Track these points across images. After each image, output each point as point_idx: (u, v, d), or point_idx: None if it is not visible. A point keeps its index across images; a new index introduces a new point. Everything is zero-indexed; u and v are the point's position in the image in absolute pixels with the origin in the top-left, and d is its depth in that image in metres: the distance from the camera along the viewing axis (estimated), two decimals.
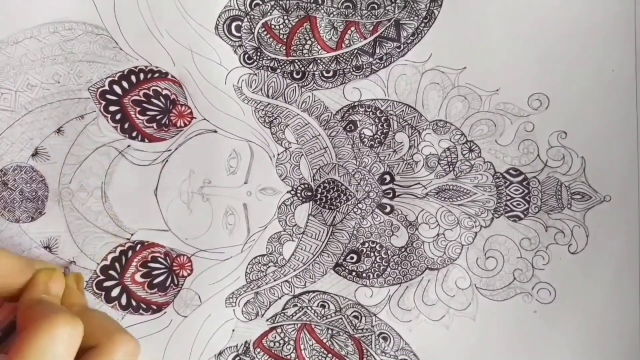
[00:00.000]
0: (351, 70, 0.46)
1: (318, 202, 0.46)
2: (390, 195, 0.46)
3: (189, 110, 0.46)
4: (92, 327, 0.37)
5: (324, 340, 0.46)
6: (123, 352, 0.38)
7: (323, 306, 0.46)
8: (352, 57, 0.46)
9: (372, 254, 0.46)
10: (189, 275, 0.46)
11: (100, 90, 0.46)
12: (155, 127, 0.46)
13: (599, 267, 0.45)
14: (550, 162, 0.46)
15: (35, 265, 0.42)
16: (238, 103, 0.46)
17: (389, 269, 0.46)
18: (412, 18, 0.46)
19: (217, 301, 0.46)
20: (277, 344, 0.46)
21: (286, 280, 0.46)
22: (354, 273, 0.46)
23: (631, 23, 0.45)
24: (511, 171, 0.46)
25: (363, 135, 0.46)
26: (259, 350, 0.46)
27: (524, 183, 0.46)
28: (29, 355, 0.34)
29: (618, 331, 0.45)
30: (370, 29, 0.46)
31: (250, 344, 0.46)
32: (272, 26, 0.46)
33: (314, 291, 0.46)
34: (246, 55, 0.46)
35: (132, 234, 0.46)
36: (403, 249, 0.46)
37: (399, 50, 0.46)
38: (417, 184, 0.46)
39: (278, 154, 0.46)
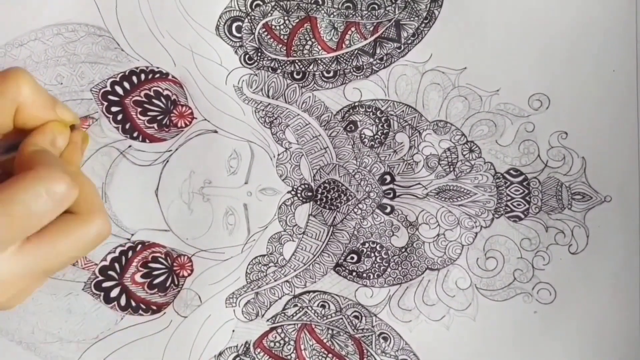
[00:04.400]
0: (351, 70, 0.46)
1: (318, 203, 0.46)
2: (391, 196, 0.46)
3: (190, 111, 0.46)
4: (80, 195, 0.35)
5: (325, 341, 0.46)
6: (97, 231, 0.37)
7: (323, 306, 0.46)
8: (352, 58, 0.46)
9: (372, 254, 0.46)
10: (189, 275, 0.46)
11: (102, 91, 0.46)
12: (156, 128, 0.46)
13: (600, 267, 0.45)
14: (550, 163, 0.45)
15: (57, 110, 0.40)
16: (238, 103, 0.46)
17: (389, 269, 0.46)
18: (412, 18, 0.46)
19: (217, 301, 0.46)
20: (277, 344, 0.46)
21: (286, 281, 0.46)
22: (354, 273, 0.46)
23: (632, 23, 0.45)
24: (511, 171, 0.46)
25: (363, 136, 0.46)
26: (259, 350, 0.46)
27: (525, 183, 0.46)
28: (13, 197, 0.32)
29: (618, 331, 0.45)
30: (371, 29, 0.46)
31: (250, 344, 0.46)
32: (273, 27, 0.46)
33: (314, 291, 0.46)
34: (247, 56, 0.46)
35: (132, 234, 0.46)
36: (403, 249, 0.46)
37: (399, 50, 0.46)
38: (417, 184, 0.46)
39: (278, 154, 0.46)
